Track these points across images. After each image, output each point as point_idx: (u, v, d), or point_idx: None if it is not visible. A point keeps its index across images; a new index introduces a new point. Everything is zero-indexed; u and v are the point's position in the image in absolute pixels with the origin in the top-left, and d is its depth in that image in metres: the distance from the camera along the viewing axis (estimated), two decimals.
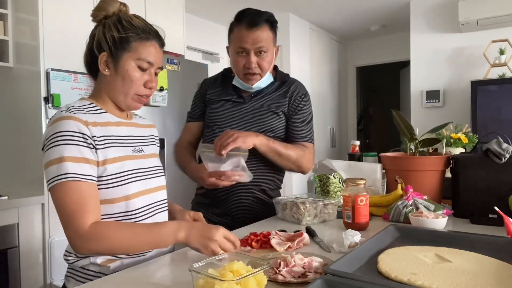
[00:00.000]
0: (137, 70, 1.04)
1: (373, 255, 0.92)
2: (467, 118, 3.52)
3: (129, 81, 1.04)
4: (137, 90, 1.05)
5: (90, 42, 1.07)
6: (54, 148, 0.94)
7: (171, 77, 2.89)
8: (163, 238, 0.97)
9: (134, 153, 1.09)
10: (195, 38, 4.03)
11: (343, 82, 5.54)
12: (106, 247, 0.94)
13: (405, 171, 1.48)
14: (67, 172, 0.93)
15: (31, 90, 2.32)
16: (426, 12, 3.93)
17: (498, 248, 0.94)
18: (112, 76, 1.04)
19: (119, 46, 1.02)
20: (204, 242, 0.94)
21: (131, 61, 1.03)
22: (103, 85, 1.08)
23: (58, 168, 0.93)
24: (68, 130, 0.95)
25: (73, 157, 0.94)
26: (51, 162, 0.94)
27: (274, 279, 0.82)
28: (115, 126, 1.07)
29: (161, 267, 0.99)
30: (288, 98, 1.56)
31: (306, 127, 1.57)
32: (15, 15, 2.40)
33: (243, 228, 1.33)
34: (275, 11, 1.71)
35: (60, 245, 2.26)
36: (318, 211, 1.38)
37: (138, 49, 1.03)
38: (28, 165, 2.35)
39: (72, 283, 1.04)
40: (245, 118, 1.54)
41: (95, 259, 1.01)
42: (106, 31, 1.03)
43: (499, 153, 1.32)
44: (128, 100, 1.07)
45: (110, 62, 1.03)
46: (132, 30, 1.03)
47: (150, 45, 1.05)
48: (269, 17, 1.52)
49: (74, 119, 0.97)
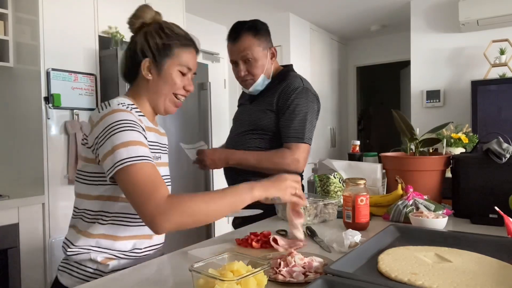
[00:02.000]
0: (179, 75, 1.12)
1: (373, 255, 0.92)
2: (467, 118, 3.52)
3: (172, 84, 1.11)
4: (177, 90, 1.13)
5: (132, 48, 1.11)
6: (121, 134, 0.95)
7: None
8: (240, 197, 0.98)
9: (155, 160, 1.11)
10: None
11: (343, 82, 5.54)
12: (188, 213, 0.91)
13: (405, 171, 1.48)
14: (138, 155, 0.93)
15: (31, 90, 2.32)
16: (426, 12, 3.93)
17: (498, 248, 0.94)
18: (154, 81, 1.10)
19: (162, 52, 1.09)
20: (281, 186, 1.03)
21: (173, 66, 1.10)
22: (142, 89, 1.12)
23: (128, 151, 0.93)
24: (129, 119, 0.98)
25: (139, 142, 0.96)
26: (118, 146, 0.93)
27: (274, 279, 0.83)
28: (148, 131, 1.09)
29: (161, 267, 0.99)
30: (277, 96, 1.58)
31: (295, 126, 1.53)
32: (15, 15, 2.40)
33: (243, 228, 1.33)
34: (275, 11, 1.74)
35: (60, 245, 2.26)
36: (318, 211, 1.38)
37: (180, 56, 1.11)
38: (28, 165, 2.35)
39: (65, 277, 1.04)
40: (243, 119, 1.69)
41: (96, 255, 1.01)
42: (149, 38, 1.09)
43: (499, 153, 1.32)
44: (167, 103, 1.13)
45: (152, 67, 1.09)
46: (175, 37, 1.10)
47: (190, 52, 1.14)
48: (251, 25, 1.60)
49: (131, 113, 1.01)
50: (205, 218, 0.95)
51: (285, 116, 1.55)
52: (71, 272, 1.04)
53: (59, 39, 2.34)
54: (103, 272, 1.00)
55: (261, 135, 1.60)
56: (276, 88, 1.60)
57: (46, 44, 2.29)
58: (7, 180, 2.46)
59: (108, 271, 1.00)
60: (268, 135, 1.59)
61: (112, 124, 0.96)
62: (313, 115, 1.59)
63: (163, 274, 0.96)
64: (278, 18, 4.25)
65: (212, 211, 0.95)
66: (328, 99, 5.11)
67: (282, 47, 4.23)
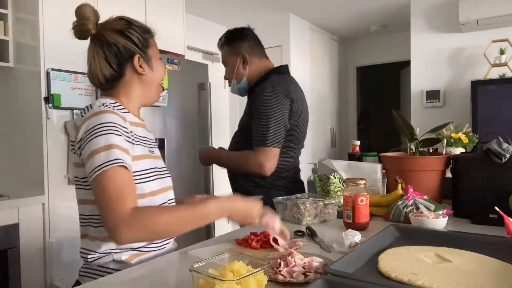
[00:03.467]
0: (159, 60, 1.18)
1: (373, 255, 0.92)
2: (467, 118, 3.52)
3: (161, 72, 1.18)
4: (162, 77, 1.19)
5: (112, 51, 1.08)
6: (101, 137, 0.95)
7: (171, 77, 2.89)
8: (207, 219, 0.98)
9: (150, 153, 1.13)
10: (195, 38, 4.03)
11: (343, 82, 5.53)
12: (149, 229, 0.91)
13: (405, 171, 1.48)
14: (117, 158, 0.93)
15: (31, 90, 2.32)
16: (426, 12, 3.92)
17: (498, 248, 0.94)
18: (148, 74, 1.14)
19: (145, 45, 1.13)
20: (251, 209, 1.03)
21: (155, 56, 1.16)
22: (129, 87, 1.12)
23: (107, 155, 0.93)
24: (112, 121, 0.98)
25: (119, 146, 0.96)
26: (99, 150, 0.94)
27: (274, 279, 0.83)
28: (136, 126, 1.11)
29: (161, 267, 0.99)
30: (250, 100, 1.70)
31: (258, 130, 1.56)
32: (15, 15, 2.40)
33: (243, 228, 1.33)
34: (275, 11, 1.76)
35: (60, 245, 2.26)
36: (318, 211, 1.38)
37: (153, 45, 1.16)
38: (28, 165, 2.35)
39: (87, 281, 1.02)
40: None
41: (119, 256, 1.01)
42: (129, 35, 1.10)
43: (499, 153, 1.32)
44: (157, 92, 1.19)
45: (142, 62, 1.12)
46: (146, 29, 1.15)
47: (155, 39, 1.19)
48: (226, 33, 1.78)
49: (115, 113, 1.01)
50: (166, 235, 0.99)
51: (254, 120, 1.60)
52: (93, 275, 1.03)
53: (58, 39, 2.34)
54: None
55: (242, 138, 1.70)
56: (253, 92, 1.69)
57: (46, 44, 2.28)
58: (7, 180, 2.46)
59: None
60: (248, 138, 1.61)
61: (96, 127, 0.96)
62: (281, 117, 1.57)
63: (163, 274, 0.96)
64: (278, 18, 4.24)
65: (174, 231, 0.97)
66: (328, 99, 5.11)
67: (282, 47, 4.23)
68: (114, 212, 0.89)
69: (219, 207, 0.98)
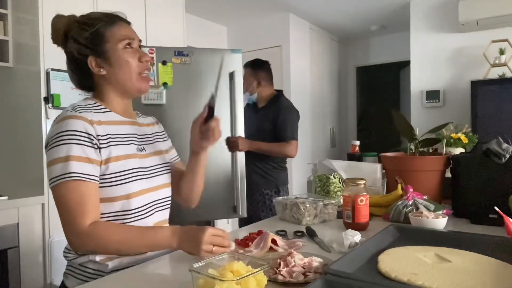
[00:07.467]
0: (126, 51, 1.06)
1: (373, 255, 0.92)
2: (467, 118, 3.52)
3: (126, 63, 1.06)
4: (136, 68, 1.08)
5: (71, 58, 1.09)
6: (60, 147, 0.95)
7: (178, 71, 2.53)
8: (157, 245, 1.01)
9: (138, 151, 1.10)
10: (195, 38, 4.03)
11: (343, 82, 5.53)
12: (101, 247, 0.97)
13: (405, 171, 1.48)
14: (72, 172, 0.94)
15: (31, 90, 2.32)
16: (426, 12, 3.93)
17: (498, 248, 0.94)
18: (110, 72, 1.07)
19: (96, 41, 1.05)
20: (195, 246, 0.96)
21: (115, 46, 1.05)
22: (104, 86, 1.09)
23: (63, 167, 0.94)
24: (74, 129, 0.97)
25: (78, 157, 0.95)
26: (56, 160, 0.94)
27: (274, 279, 0.82)
28: (119, 125, 1.08)
29: (161, 267, 0.99)
30: (271, 111, 2.52)
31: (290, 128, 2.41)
32: (15, 15, 2.40)
33: (243, 228, 1.33)
34: (275, 11, 1.75)
35: (60, 245, 2.26)
36: (318, 211, 1.38)
37: (113, 34, 1.06)
38: (28, 165, 2.35)
39: (70, 280, 1.05)
40: (252, 122, 2.58)
41: (93, 256, 1.01)
42: (77, 38, 1.06)
43: (499, 153, 1.32)
44: (135, 83, 1.08)
45: (99, 61, 1.06)
46: (97, 22, 1.06)
47: (120, 25, 1.08)
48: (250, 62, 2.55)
49: (80, 118, 0.99)
50: (117, 253, 1.01)
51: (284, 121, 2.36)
52: (74, 274, 1.04)
53: None
54: (103, 272, 1.00)
55: (265, 135, 2.42)
56: (273, 106, 2.47)
57: (46, 44, 2.28)
58: (7, 180, 2.46)
59: (108, 270, 1.00)
60: (270, 135, 2.42)
61: (57, 135, 0.96)
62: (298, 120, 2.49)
63: (163, 274, 0.96)
64: (278, 18, 4.24)
65: (125, 251, 1.01)
66: (328, 99, 5.11)
67: (282, 47, 4.23)
68: (70, 228, 0.96)
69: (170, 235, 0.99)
